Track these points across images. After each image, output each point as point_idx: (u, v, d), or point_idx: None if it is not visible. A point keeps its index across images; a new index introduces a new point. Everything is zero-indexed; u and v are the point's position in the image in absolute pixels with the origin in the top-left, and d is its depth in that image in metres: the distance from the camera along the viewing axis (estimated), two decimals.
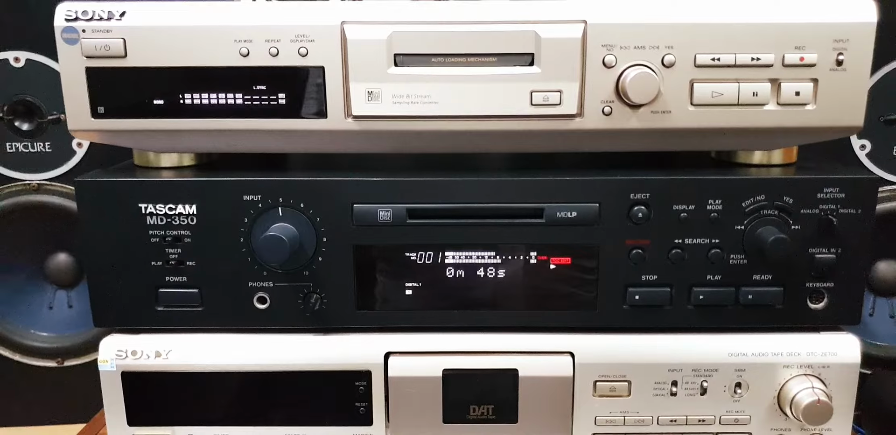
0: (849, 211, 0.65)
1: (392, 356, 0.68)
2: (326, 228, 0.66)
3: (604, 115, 0.64)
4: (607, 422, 0.69)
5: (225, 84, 0.64)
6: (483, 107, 0.63)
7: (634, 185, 0.65)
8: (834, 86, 0.63)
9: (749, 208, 0.65)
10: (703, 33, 0.62)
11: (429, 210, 0.66)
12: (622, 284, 0.67)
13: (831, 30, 0.62)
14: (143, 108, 0.64)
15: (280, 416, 0.69)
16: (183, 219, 0.66)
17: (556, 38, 0.62)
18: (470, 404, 0.68)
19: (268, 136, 0.66)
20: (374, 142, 0.67)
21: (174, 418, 0.70)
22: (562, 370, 0.68)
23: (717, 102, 0.63)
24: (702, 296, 0.67)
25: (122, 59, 0.63)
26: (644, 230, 0.66)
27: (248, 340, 0.69)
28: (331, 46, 0.62)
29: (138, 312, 0.68)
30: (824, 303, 0.67)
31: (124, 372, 0.68)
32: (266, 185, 0.65)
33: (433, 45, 0.62)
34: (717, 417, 0.69)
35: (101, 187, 0.66)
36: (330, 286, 0.67)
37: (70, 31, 0.63)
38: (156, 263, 0.67)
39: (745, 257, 0.66)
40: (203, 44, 0.63)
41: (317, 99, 0.64)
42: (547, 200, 0.66)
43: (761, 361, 0.67)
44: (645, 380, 0.68)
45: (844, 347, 0.68)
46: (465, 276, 0.67)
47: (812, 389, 0.66)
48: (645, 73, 0.62)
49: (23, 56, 0.88)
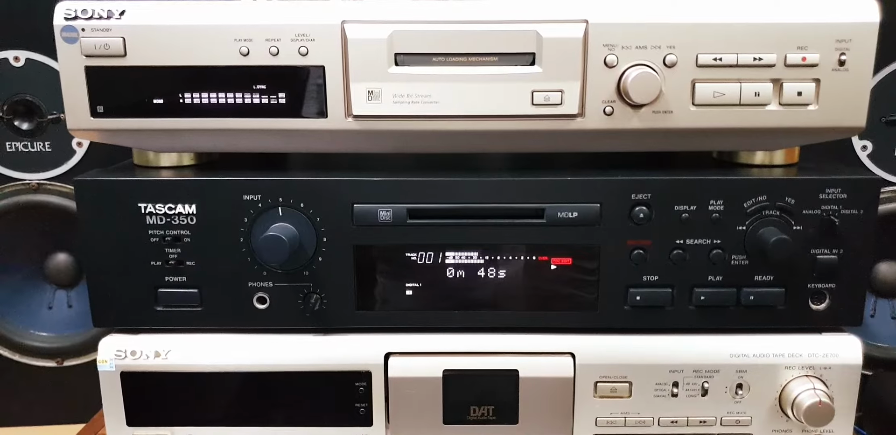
0: (851, 212, 0.65)
1: (392, 357, 0.68)
2: (326, 228, 0.66)
3: (605, 115, 0.63)
4: (608, 423, 0.69)
5: (225, 83, 0.64)
6: (484, 107, 0.63)
7: (636, 185, 0.65)
8: (836, 86, 0.63)
9: (751, 209, 0.65)
10: (705, 33, 0.62)
11: (429, 210, 0.66)
12: (623, 285, 0.67)
13: (833, 30, 0.62)
14: (142, 107, 0.64)
15: (280, 416, 0.69)
16: (182, 218, 0.66)
17: (557, 37, 0.62)
18: (470, 405, 0.68)
19: (268, 136, 0.66)
20: (375, 141, 0.67)
21: (173, 419, 0.70)
22: (562, 371, 0.68)
23: (718, 102, 0.63)
24: (703, 297, 0.67)
25: (122, 59, 0.63)
26: (645, 231, 0.66)
27: (247, 341, 0.69)
28: (331, 46, 0.62)
29: (138, 312, 0.68)
30: (826, 304, 0.67)
31: (123, 372, 0.68)
32: (266, 185, 0.65)
33: (434, 44, 0.62)
34: (719, 419, 0.68)
35: (100, 187, 0.66)
36: (330, 286, 0.67)
37: (69, 30, 0.62)
38: (155, 263, 0.67)
39: (746, 258, 0.66)
40: (203, 43, 0.62)
41: (317, 98, 0.64)
42: (548, 201, 0.66)
43: (762, 362, 0.67)
44: (646, 381, 0.68)
45: (846, 348, 0.68)
46: (466, 276, 0.67)
47: (814, 391, 0.66)
48: (646, 73, 0.62)
49: (23, 55, 0.87)
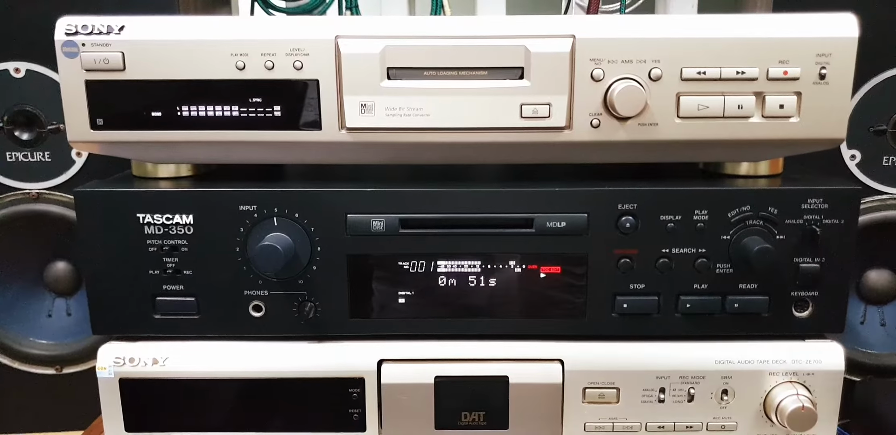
0: (832, 221, 0.66)
1: (385, 363, 0.69)
2: (321, 238, 0.67)
3: (592, 128, 0.65)
4: (596, 428, 0.69)
5: (221, 97, 0.64)
6: (474, 119, 0.64)
7: (622, 195, 0.66)
8: (817, 99, 0.64)
9: (735, 219, 0.66)
10: (689, 48, 0.63)
11: (421, 220, 0.67)
12: (610, 293, 0.68)
13: (814, 45, 0.63)
14: (141, 120, 0.65)
15: (275, 422, 0.70)
16: (180, 228, 0.67)
17: (545, 52, 0.63)
18: (461, 411, 0.69)
19: (263, 148, 0.67)
20: (368, 153, 0.68)
21: (171, 424, 0.70)
22: (552, 377, 0.68)
23: (703, 115, 0.64)
24: (689, 304, 0.68)
25: (121, 72, 0.64)
26: (632, 240, 0.67)
27: (243, 348, 0.70)
28: (325, 60, 0.63)
29: (136, 319, 0.69)
30: (809, 311, 0.68)
31: (122, 379, 0.69)
32: (261, 196, 0.66)
33: (425, 58, 0.63)
34: (705, 424, 0.69)
35: (100, 198, 0.67)
36: (324, 295, 0.68)
37: (70, 45, 0.64)
38: (153, 272, 0.68)
39: (731, 267, 0.67)
40: (200, 57, 0.63)
41: (311, 111, 0.65)
42: (537, 211, 0.66)
43: (747, 369, 0.68)
44: (633, 387, 0.69)
45: (829, 354, 0.68)
46: (457, 284, 0.68)
47: (797, 396, 0.66)
48: (632, 87, 0.63)
49: (23, 66, 0.87)
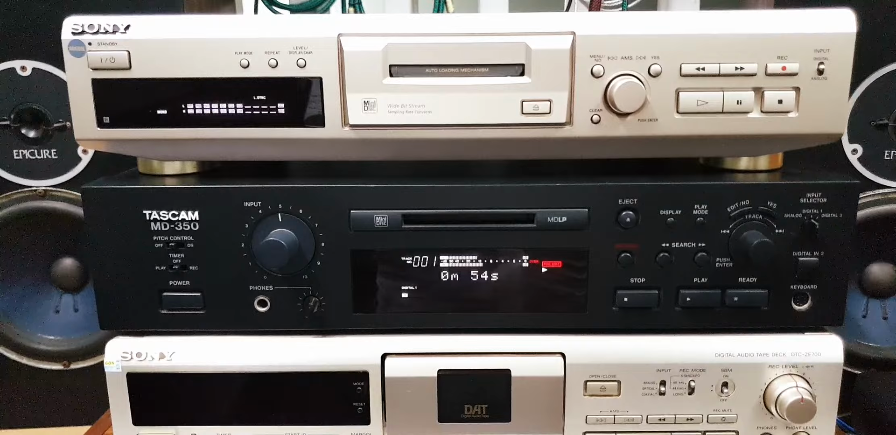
0: (831, 215, 0.66)
1: (388, 357, 0.69)
2: (324, 234, 0.68)
3: (592, 124, 0.65)
4: (598, 421, 0.70)
5: (226, 94, 0.65)
6: (476, 116, 0.65)
7: (623, 190, 0.67)
8: (815, 94, 0.64)
9: (734, 213, 0.67)
10: (688, 44, 0.63)
11: (424, 215, 0.67)
12: (611, 287, 0.68)
13: (812, 40, 0.63)
14: (147, 117, 0.66)
15: (280, 415, 0.71)
16: (186, 225, 0.68)
17: (545, 49, 0.64)
18: (464, 404, 0.70)
19: (267, 145, 0.67)
20: (371, 150, 0.69)
21: (177, 418, 0.71)
22: (553, 370, 0.69)
23: (702, 110, 0.65)
24: (689, 298, 0.68)
25: (127, 71, 0.65)
26: (632, 234, 0.67)
27: (249, 342, 0.70)
28: (328, 58, 0.64)
29: (143, 315, 0.69)
30: (808, 304, 0.69)
31: (129, 373, 0.69)
32: (266, 192, 0.67)
33: (427, 56, 0.64)
34: (705, 416, 0.70)
35: (107, 195, 0.67)
36: (328, 290, 0.69)
37: (77, 44, 0.64)
38: (160, 268, 0.68)
39: (730, 261, 0.67)
40: (205, 56, 0.64)
41: (315, 108, 0.65)
42: (538, 206, 0.67)
43: (747, 362, 0.69)
44: (634, 380, 0.69)
45: (828, 347, 0.69)
46: (459, 279, 0.69)
47: (796, 389, 0.67)
48: (632, 83, 0.63)
49: (29, 65, 0.88)
